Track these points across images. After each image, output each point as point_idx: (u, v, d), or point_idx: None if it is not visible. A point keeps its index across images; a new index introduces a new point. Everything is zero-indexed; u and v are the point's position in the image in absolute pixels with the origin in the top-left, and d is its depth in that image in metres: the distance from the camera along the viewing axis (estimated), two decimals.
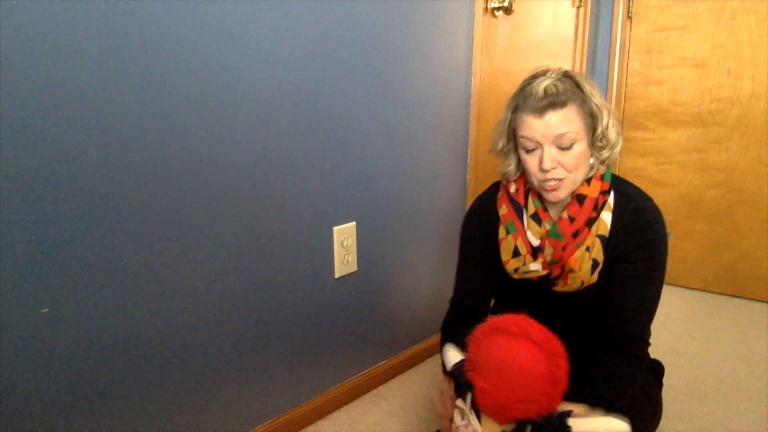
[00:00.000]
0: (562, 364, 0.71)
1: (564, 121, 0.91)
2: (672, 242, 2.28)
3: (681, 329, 1.91)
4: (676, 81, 2.16)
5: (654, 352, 1.18)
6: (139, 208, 0.98)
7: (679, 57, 2.14)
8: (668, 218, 2.26)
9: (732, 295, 2.19)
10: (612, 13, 2.26)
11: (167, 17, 0.95)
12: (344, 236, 1.37)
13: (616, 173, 1.08)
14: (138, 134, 0.95)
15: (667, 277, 1.03)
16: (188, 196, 1.05)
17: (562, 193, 0.96)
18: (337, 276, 1.38)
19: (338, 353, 1.44)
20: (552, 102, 0.90)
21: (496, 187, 1.11)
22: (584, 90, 0.94)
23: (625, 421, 0.81)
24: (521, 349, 0.71)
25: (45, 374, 0.91)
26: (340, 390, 1.46)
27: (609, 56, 2.29)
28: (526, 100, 0.93)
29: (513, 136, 1.00)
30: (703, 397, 1.49)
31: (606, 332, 0.99)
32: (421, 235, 1.61)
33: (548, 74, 0.95)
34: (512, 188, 1.05)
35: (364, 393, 1.53)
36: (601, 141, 0.96)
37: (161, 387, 1.08)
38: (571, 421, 0.75)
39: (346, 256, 1.38)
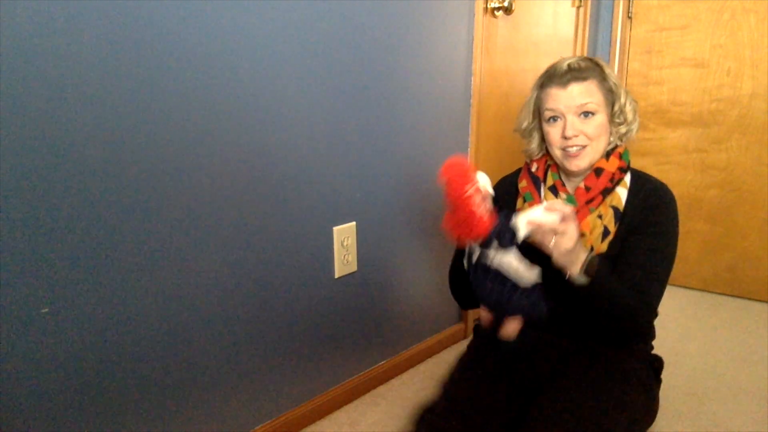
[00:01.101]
0: (463, 195, 0.87)
1: (586, 92, 1.01)
2: None
3: (681, 329, 1.91)
4: (676, 81, 2.16)
5: (654, 351, 1.18)
6: (138, 208, 0.98)
7: (679, 57, 2.14)
8: None
9: (732, 295, 2.19)
10: (612, 13, 2.26)
11: (168, 17, 0.95)
12: (344, 236, 1.37)
13: None
14: (138, 134, 0.95)
15: None
16: (188, 196, 1.05)
17: (584, 162, 1.03)
18: (337, 276, 1.38)
19: (338, 353, 1.44)
20: (575, 76, 1.01)
21: (520, 169, 1.19)
22: (604, 69, 1.04)
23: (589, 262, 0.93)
24: (447, 187, 0.88)
25: (45, 374, 0.91)
26: (340, 390, 1.46)
27: (609, 56, 2.29)
28: (551, 77, 1.04)
29: (537, 114, 1.09)
30: (703, 397, 1.49)
31: None
32: (421, 235, 1.61)
33: (572, 57, 1.06)
34: (534, 167, 1.14)
35: (364, 393, 1.53)
36: (618, 117, 1.05)
37: (161, 387, 1.08)
38: (520, 218, 0.90)
39: (346, 256, 1.38)
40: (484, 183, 0.95)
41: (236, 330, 1.19)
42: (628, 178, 1.06)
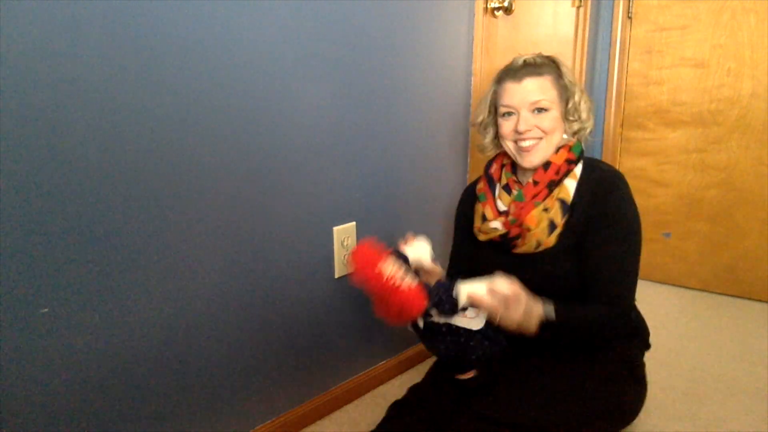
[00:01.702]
0: (370, 278, 0.87)
1: (540, 88, 1.03)
2: (672, 242, 2.28)
3: (681, 329, 1.91)
4: (676, 81, 2.16)
5: (654, 351, 1.19)
6: (138, 208, 0.98)
7: (679, 57, 2.14)
8: (668, 218, 2.27)
9: (732, 295, 2.19)
10: (612, 13, 2.26)
11: (168, 17, 0.95)
12: (344, 236, 1.37)
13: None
14: (138, 134, 0.95)
15: (667, 277, 1.04)
16: (188, 196, 1.05)
17: (536, 158, 1.05)
18: (337, 276, 1.38)
19: (338, 353, 1.44)
20: (530, 71, 1.04)
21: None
22: (560, 67, 1.06)
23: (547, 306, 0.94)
24: (368, 278, 0.88)
25: (45, 374, 0.91)
26: (340, 390, 1.46)
27: (609, 56, 2.29)
28: (507, 72, 1.07)
29: (494, 109, 1.12)
30: (703, 397, 1.49)
31: (588, 301, 1.01)
32: (421, 234, 1.60)
33: (529, 54, 1.09)
34: (492, 169, 1.17)
35: (364, 393, 1.53)
36: (572, 114, 1.07)
37: (161, 387, 1.08)
38: (463, 285, 0.90)
39: (346, 256, 1.38)
40: (419, 253, 0.96)
41: (236, 330, 1.19)
42: (578, 169, 1.06)
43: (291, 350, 1.32)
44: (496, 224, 1.08)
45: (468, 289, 0.89)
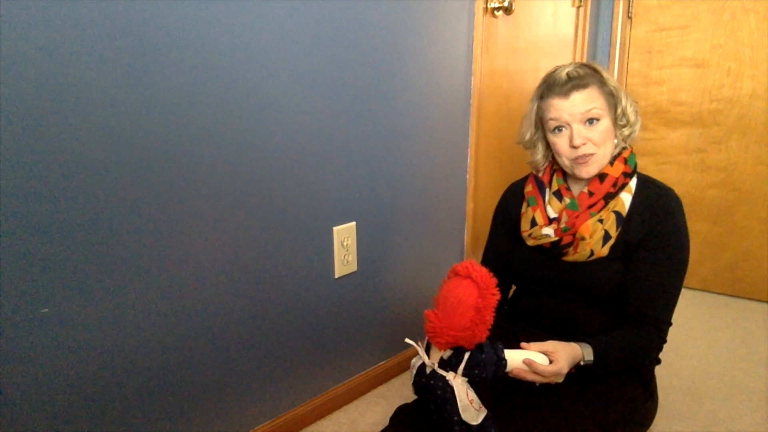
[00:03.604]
0: (491, 299, 0.83)
1: (588, 99, 1.01)
2: None
3: (681, 329, 1.91)
4: (676, 81, 2.16)
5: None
6: (139, 208, 0.98)
7: (679, 57, 2.14)
8: None
9: (732, 295, 2.19)
10: (612, 13, 2.26)
11: (169, 16, 0.95)
12: (344, 236, 1.37)
13: None
14: (138, 134, 0.95)
15: None
16: (188, 196, 1.05)
17: (593, 168, 1.03)
18: (337, 276, 1.38)
19: (338, 353, 1.44)
20: (575, 84, 1.01)
21: (528, 176, 1.20)
22: (602, 74, 1.04)
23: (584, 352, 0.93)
24: (461, 285, 0.84)
25: (45, 374, 0.91)
26: (340, 390, 1.46)
27: (609, 56, 2.29)
28: (550, 87, 1.04)
29: (540, 125, 1.09)
30: (703, 397, 1.49)
31: (628, 317, 1.03)
32: (421, 234, 1.61)
33: (568, 64, 1.05)
34: (540, 171, 1.15)
35: (364, 393, 1.53)
36: (622, 119, 1.07)
37: (161, 387, 1.08)
38: (506, 352, 0.87)
39: (346, 256, 1.38)
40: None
41: (236, 330, 1.19)
42: (633, 182, 1.06)
43: (291, 350, 1.32)
44: (548, 231, 1.06)
45: (514, 358, 0.87)
